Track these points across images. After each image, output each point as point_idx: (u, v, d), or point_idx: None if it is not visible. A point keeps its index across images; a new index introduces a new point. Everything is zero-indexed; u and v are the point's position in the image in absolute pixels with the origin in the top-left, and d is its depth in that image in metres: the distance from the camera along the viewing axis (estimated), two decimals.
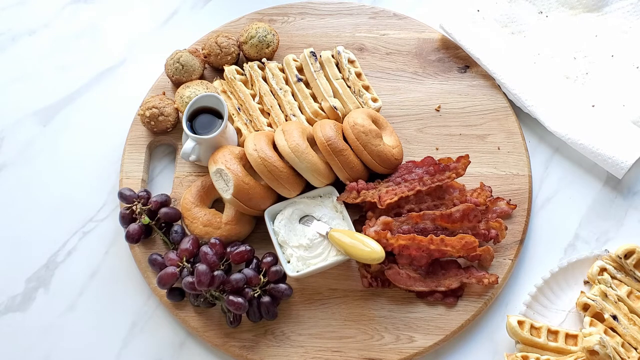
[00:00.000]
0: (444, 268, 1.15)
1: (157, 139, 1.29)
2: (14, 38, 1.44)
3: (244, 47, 1.31)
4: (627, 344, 1.07)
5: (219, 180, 1.15)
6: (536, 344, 1.08)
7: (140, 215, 1.17)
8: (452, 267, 1.15)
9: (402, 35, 1.37)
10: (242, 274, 1.11)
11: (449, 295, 1.13)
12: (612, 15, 1.37)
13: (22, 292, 1.20)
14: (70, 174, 1.30)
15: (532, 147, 1.28)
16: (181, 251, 1.13)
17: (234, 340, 1.13)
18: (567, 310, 1.13)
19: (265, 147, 1.14)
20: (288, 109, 1.26)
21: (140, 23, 1.44)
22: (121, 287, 1.20)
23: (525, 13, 1.38)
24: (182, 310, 1.15)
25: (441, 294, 1.13)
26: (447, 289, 1.13)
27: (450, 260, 1.16)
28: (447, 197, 1.18)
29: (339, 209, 1.17)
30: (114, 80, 1.38)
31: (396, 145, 1.21)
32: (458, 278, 1.13)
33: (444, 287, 1.13)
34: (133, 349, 1.15)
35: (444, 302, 1.13)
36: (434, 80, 1.33)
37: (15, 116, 1.35)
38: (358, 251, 1.09)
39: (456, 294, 1.14)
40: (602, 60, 1.33)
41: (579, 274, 1.15)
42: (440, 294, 1.13)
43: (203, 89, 1.25)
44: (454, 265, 1.15)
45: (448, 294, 1.14)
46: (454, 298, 1.13)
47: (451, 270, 1.15)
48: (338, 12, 1.40)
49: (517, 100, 1.29)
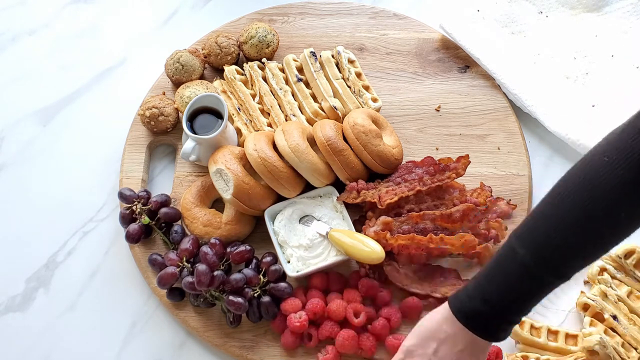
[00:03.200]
0: (442, 275, 1.15)
1: (157, 139, 1.29)
2: (14, 38, 1.44)
3: (244, 47, 1.31)
4: (627, 344, 1.07)
5: (219, 180, 1.15)
6: (536, 344, 1.08)
7: (140, 215, 1.17)
8: (451, 277, 1.14)
9: (402, 35, 1.37)
10: (242, 274, 1.11)
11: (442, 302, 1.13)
12: (612, 15, 1.37)
13: (22, 292, 1.20)
14: (70, 174, 1.30)
15: (532, 147, 1.28)
16: (181, 251, 1.13)
17: (234, 340, 1.13)
18: (567, 310, 1.13)
19: (265, 147, 1.14)
20: (288, 109, 1.26)
21: (140, 23, 1.44)
22: (121, 287, 1.20)
23: (525, 13, 1.38)
24: (182, 310, 1.15)
25: (436, 300, 1.13)
26: (442, 297, 1.12)
27: (451, 270, 1.15)
28: (447, 197, 1.18)
29: (339, 209, 1.17)
30: (114, 80, 1.38)
31: (396, 145, 1.21)
32: (455, 288, 1.12)
33: (439, 294, 1.12)
34: (133, 349, 1.15)
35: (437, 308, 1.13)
36: (434, 80, 1.33)
37: (15, 116, 1.35)
38: (358, 251, 1.09)
39: None
40: (602, 60, 1.33)
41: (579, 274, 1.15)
42: (435, 300, 1.13)
43: (203, 89, 1.25)
44: (453, 275, 1.15)
45: (442, 301, 1.12)
46: None
47: (450, 279, 1.14)
48: (338, 12, 1.40)
49: (517, 100, 1.29)
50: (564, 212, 0.85)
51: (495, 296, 0.89)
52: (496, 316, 0.89)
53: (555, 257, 0.86)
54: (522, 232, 0.88)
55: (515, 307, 0.89)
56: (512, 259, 0.88)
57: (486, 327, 0.90)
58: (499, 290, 0.89)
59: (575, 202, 0.84)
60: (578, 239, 0.85)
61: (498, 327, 0.90)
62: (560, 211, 0.85)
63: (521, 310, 0.90)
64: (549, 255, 0.85)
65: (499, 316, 0.90)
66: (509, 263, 0.88)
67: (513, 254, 0.88)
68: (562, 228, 0.85)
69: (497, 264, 0.90)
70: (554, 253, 0.85)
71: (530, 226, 0.88)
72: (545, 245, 0.86)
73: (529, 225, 0.88)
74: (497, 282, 0.89)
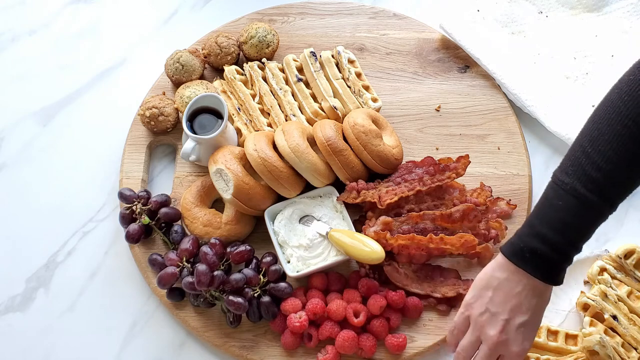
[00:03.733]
0: (442, 275, 1.15)
1: (157, 139, 1.29)
2: (14, 38, 1.44)
3: (244, 47, 1.31)
4: (627, 344, 1.07)
5: (219, 180, 1.15)
6: (536, 344, 1.08)
7: (140, 215, 1.17)
8: (451, 277, 1.15)
9: (402, 35, 1.37)
10: (242, 274, 1.11)
11: (442, 302, 1.13)
12: (612, 15, 1.37)
13: (22, 292, 1.20)
14: (70, 174, 1.30)
15: (532, 147, 1.28)
16: (181, 251, 1.13)
17: (234, 340, 1.13)
18: (567, 310, 1.13)
19: (265, 147, 1.14)
20: (288, 109, 1.26)
21: (140, 23, 1.44)
22: (121, 287, 1.20)
23: (525, 13, 1.38)
24: (182, 310, 1.15)
25: (435, 300, 1.13)
26: (442, 297, 1.12)
27: (451, 270, 1.15)
28: (447, 197, 1.18)
29: (339, 209, 1.17)
30: (114, 80, 1.38)
31: (396, 145, 1.21)
32: (455, 288, 1.13)
33: (439, 294, 1.12)
34: (133, 349, 1.15)
35: (437, 308, 1.13)
36: (434, 80, 1.33)
37: (15, 116, 1.35)
38: (358, 251, 1.09)
39: (450, 303, 1.13)
40: (602, 60, 1.32)
41: (579, 274, 1.15)
42: (435, 300, 1.13)
43: (203, 89, 1.25)
44: (453, 275, 1.15)
45: (442, 301, 1.13)
46: (447, 306, 1.13)
47: (450, 279, 1.14)
48: (338, 12, 1.40)
49: (517, 100, 1.29)
50: (604, 137, 0.87)
51: (549, 232, 0.89)
52: (552, 252, 0.89)
53: (605, 181, 0.87)
54: (566, 166, 0.90)
55: (571, 241, 0.90)
56: (562, 193, 0.88)
57: (544, 265, 0.90)
58: (552, 225, 0.89)
59: (612, 127, 0.87)
60: (624, 161, 0.86)
61: (556, 264, 0.91)
62: (600, 136, 0.87)
63: (576, 244, 0.90)
64: (600, 180, 0.87)
65: (555, 252, 0.89)
66: (559, 197, 0.89)
67: (562, 188, 0.88)
68: (605, 151, 0.87)
69: (545, 201, 0.91)
70: (604, 177, 0.87)
71: (574, 158, 0.89)
72: (592, 170, 0.87)
73: (572, 159, 0.89)
74: (549, 217, 0.89)
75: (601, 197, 0.87)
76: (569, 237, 0.90)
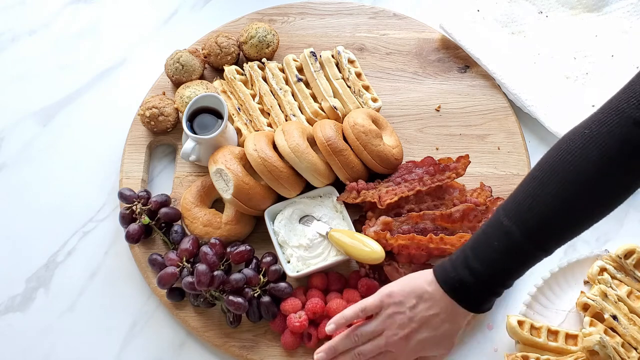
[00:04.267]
0: None
1: (157, 139, 1.29)
2: (14, 38, 1.44)
3: (244, 47, 1.31)
4: (627, 344, 1.07)
5: (219, 180, 1.15)
6: (536, 344, 1.08)
7: (140, 216, 1.17)
8: None
9: (402, 35, 1.37)
10: (242, 274, 1.11)
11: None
12: (612, 15, 1.37)
13: (22, 292, 1.20)
14: (70, 174, 1.30)
15: (532, 147, 1.28)
16: (181, 251, 1.13)
17: (234, 340, 1.13)
18: (567, 310, 1.13)
19: (265, 147, 1.14)
20: (288, 109, 1.26)
21: (140, 23, 1.44)
22: (121, 287, 1.20)
23: (525, 13, 1.38)
24: (182, 310, 1.15)
25: None
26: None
27: None
28: (447, 197, 1.18)
29: (339, 209, 1.17)
30: (114, 80, 1.38)
31: (396, 145, 1.21)
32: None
33: None
34: (133, 349, 1.15)
35: None
36: (434, 80, 1.33)
37: (15, 116, 1.35)
38: (358, 251, 1.09)
39: None
40: (602, 60, 1.33)
41: (579, 274, 1.15)
42: None
43: (203, 89, 1.25)
44: None
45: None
46: None
47: None
48: (338, 12, 1.40)
49: (517, 100, 1.29)
50: (547, 187, 0.87)
51: (480, 267, 0.90)
52: (480, 286, 0.91)
53: (541, 231, 0.88)
54: (509, 205, 0.90)
55: (500, 279, 0.91)
56: (498, 230, 0.90)
57: (469, 297, 0.92)
58: (484, 261, 0.90)
59: (557, 178, 0.87)
60: (561, 214, 0.87)
61: (481, 297, 0.92)
62: (544, 187, 0.87)
63: (505, 282, 0.92)
64: (535, 228, 0.87)
65: (483, 286, 0.91)
66: (495, 235, 0.90)
67: (500, 226, 0.89)
68: (546, 203, 0.87)
69: (483, 235, 0.92)
70: (540, 227, 0.87)
71: (517, 199, 0.90)
72: (530, 218, 0.87)
73: (516, 199, 0.90)
74: (483, 253, 0.91)
75: (538, 246, 0.89)
76: (500, 277, 0.92)
